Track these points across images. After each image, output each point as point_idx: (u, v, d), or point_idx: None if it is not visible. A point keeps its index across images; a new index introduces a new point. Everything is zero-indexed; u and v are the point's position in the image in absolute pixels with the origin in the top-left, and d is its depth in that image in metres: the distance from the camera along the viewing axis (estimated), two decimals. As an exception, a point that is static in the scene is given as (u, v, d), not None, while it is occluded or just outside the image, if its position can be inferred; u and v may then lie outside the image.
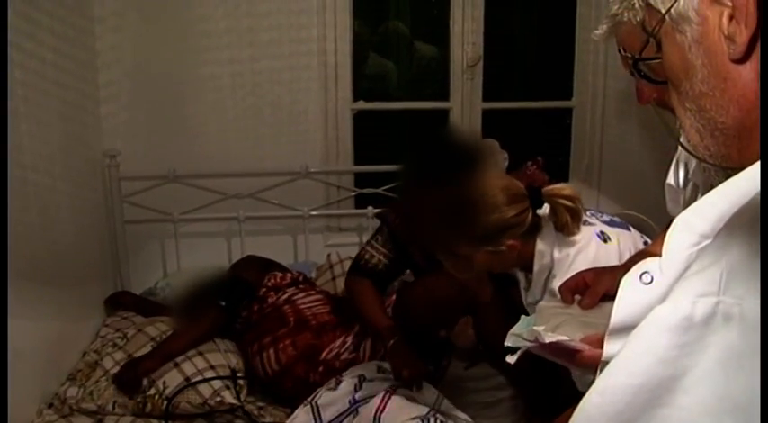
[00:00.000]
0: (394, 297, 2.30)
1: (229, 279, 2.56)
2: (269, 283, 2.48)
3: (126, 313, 2.70)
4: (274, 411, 2.25)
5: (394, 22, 3.24)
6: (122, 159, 2.83)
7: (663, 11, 0.70)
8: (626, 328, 0.62)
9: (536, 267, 1.82)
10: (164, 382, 2.18)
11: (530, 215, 1.76)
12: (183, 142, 2.94)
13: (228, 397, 2.16)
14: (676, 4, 0.68)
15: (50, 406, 2.18)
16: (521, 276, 1.94)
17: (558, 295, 1.72)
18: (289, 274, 2.56)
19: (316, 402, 2.03)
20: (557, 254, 1.78)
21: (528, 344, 1.15)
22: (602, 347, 1.10)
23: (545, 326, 1.15)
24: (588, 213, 1.88)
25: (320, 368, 2.24)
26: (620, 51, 0.93)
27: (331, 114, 3.05)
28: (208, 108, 2.97)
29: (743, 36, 0.62)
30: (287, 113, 3.02)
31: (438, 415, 1.92)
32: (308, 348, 2.27)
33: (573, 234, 1.78)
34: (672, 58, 0.71)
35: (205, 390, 2.17)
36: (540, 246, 1.79)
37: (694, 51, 0.67)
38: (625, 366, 0.55)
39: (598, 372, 0.64)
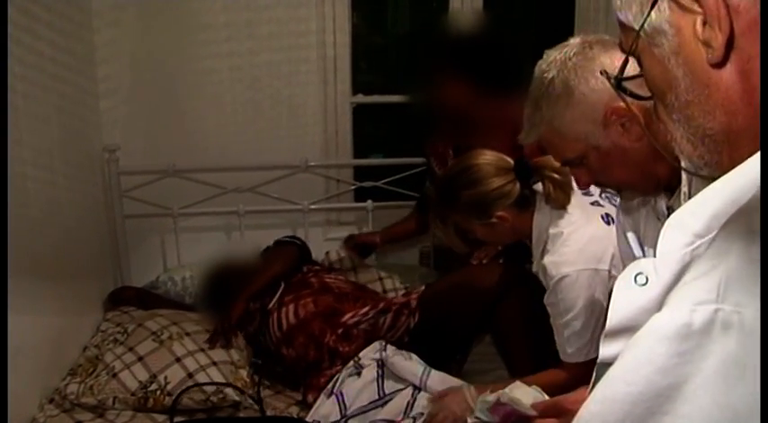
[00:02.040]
0: (423, 288, 2.33)
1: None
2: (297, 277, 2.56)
3: (127, 308, 2.70)
4: (275, 403, 2.25)
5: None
6: (122, 154, 2.82)
7: (636, 28, 0.70)
8: (622, 331, 0.62)
9: (534, 240, 1.87)
10: (165, 378, 2.17)
11: (516, 186, 1.82)
12: (182, 136, 2.94)
13: (232, 394, 2.16)
14: (648, 19, 0.68)
15: (51, 401, 2.18)
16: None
17: (549, 270, 1.76)
18: (315, 267, 2.66)
19: (340, 391, 2.03)
20: (551, 229, 1.81)
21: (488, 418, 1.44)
22: (553, 416, 1.28)
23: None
24: (603, 196, 1.91)
25: (339, 330, 2.26)
26: (601, 73, 0.94)
27: (330, 107, 3.04)
28: (207, 102, 2.97)
29: (718, 40, 0.62)
30: (286, 107, 3.02)
31: None
32: (328, 308, 2.31)
33: (562, 206, 1.83)
34: (653, 73, 0.71)
35: (208, 386, 2.16)
36: (536, 220, 1.84)
37: (674, 62, 0.67)
38: (624, 375, 0.55)
39: (594, 374, 0.64)
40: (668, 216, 1.38)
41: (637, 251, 1.49)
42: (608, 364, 0.57)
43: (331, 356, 2.23)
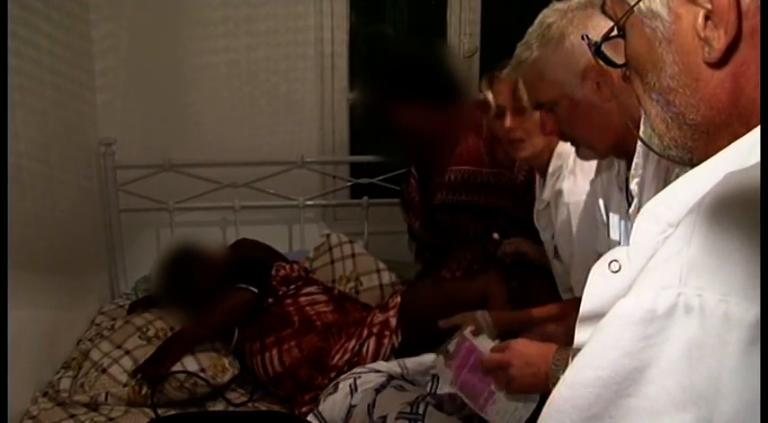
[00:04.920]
0: (398, 299, 2.26)
1: (243, 260, 2.45)
2: (279, 274, 2.40)
3: (123, 302, 2.71)
4: (269, 402, 2.25)
5: (378, 25, 3.26)
6: (118, 148, 2.82)
7: (631, 2, 0.68)
8: (595, 316, 0.63)
9: (551, 169, 1.88)
10: None
11: None
12: (178, 131, 2.94)
13: (207, 378, 2.16)
14: None
15: (45, 394, 2.18)
16: (537, 183, 1.99)
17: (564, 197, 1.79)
18: (296, 266, 2.50)
19: (319, 411, 2.01)
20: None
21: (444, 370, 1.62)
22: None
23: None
24: None
25: (332, 374, 2.15)
26: (583, 38, 0.97)
27: (327, 104, 3.04)
28: (204, 97, 2.97)
29: (721, 42, 0.61)
30: (283, 103, 3.02)
31: (429, 398, 1.86)
32: (314, 352, 2.20)
33: None
34: (638, 49, 0.69)
35: (180, 375, 2.15)
36: (560, 147, 1.85)
37: (665, 47, 0.66)
38: (592, 360, 0.56)
39: (570, 359, 0.65)
40: (626, 187, 1.44)
41: (603, 217, 1.53)
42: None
43: (319, 389, 2.18)
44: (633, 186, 1.32)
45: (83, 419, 2.07)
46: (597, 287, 0.66)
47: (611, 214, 1.48)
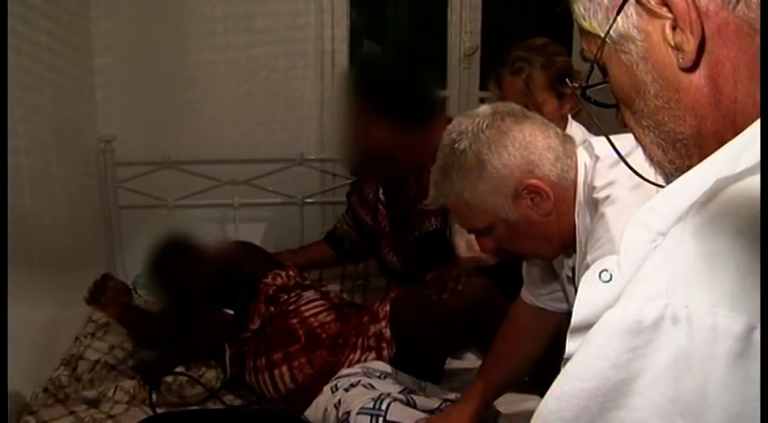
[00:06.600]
0: (388, 308, 2.20)
1: (233, 277, 2.36)
2: (277, 282, 2.33)
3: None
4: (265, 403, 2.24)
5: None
6: (117, 145, 2.82)
7: (602, 34, 0.69)
8: (586, 327, 0.62)
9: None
10: None
11: None
12: (178, 128, 2.94)
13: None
14: (615, 25, 0.68)
15: (45, 390, 2.19)
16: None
17: None
18: (291, 272, 2.40)
19: (305, 415, 2.02)
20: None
21: None
22: None
23: None
24: None
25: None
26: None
27: (327, 101, 3.04)
28: (203, 94, 2.97)
29: (691, 44, 0.62)
30: (283, 100, 3.02)
31: (397, 394, 1.87)
32: (325, 367, 2.15)
33: None
34: (620, 79, 0.70)
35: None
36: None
37: (642, 68, 0.67)
38: (578, 371, 0.56)
39: (562, 367, 0.65)
40: (573, 276, 1.38)
41: (569, 272, 1.52)
42: None
43: None
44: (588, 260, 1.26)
45: (83, 416, 2.07)
46: (588, 297, 0.66)
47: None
